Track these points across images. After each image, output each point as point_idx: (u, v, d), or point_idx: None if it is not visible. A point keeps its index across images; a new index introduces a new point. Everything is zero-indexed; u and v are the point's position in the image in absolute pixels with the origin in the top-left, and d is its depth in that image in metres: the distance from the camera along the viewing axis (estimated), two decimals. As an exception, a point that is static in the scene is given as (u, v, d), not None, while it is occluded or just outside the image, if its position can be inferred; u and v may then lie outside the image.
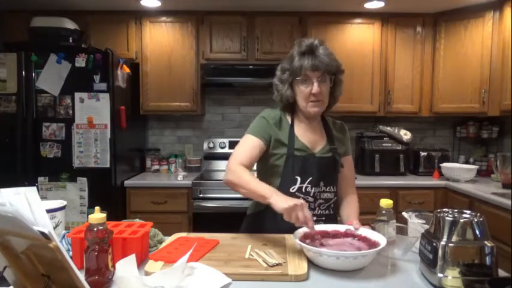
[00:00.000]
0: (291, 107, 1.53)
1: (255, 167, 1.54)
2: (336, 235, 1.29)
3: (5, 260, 0.81)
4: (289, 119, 1.53)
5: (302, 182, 1.45)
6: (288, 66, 1.45)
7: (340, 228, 1.32)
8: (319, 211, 1.49)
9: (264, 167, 1.52)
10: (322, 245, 1.21)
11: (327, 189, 1.49)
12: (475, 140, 3.48)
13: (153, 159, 3.39)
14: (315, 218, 1.46)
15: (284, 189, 1.45)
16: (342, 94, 1.55)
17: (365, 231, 1.26)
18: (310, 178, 1.45)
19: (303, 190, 1.46)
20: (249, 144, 1.45)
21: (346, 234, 1.28)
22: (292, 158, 1.46)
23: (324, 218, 1.48)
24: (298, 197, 1.45)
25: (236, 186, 1.37)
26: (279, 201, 1.22)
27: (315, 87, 1.41)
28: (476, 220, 1.00)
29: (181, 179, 3.01)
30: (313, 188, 1.46)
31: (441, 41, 3.20)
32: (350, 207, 1.57)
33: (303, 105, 1.46)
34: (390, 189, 2.96)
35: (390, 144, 3.26)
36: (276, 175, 1.48)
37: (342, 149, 1.59)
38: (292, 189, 1.45)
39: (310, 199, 1.46)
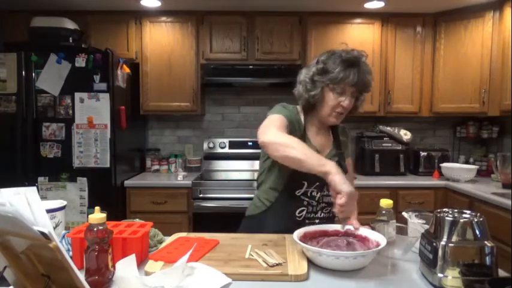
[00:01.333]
0: (309, 108, 1.49)
1: (256, 167, 1.53)
2: (335, 235, 1.29)
3: (5, 260, 0.81)
4: (302, 119, 1.48)
5: (308, 187, 1.44)
6: (330, 69, 1.36)
7: (340, 228, 1.32)
8: (322, 214, 1.49)
9: (272, 169, 1.49)
10: (322, 244, 1.21)
11: (330, 193, 1.48)
12: (475, 140, 3.48)
13: (153, 159, 3.39)
14: (317, 221, 1.46)
15: (290, 191, 1.45)
16: None
17: (365, 231, 1.26)
18: (317, 183, 1.44)
19: (308, 194, 1.45)
20: (277, 120, 1.37)
21: (346, 234, 1.28)
22: None
23: (325, 221, 1.47)
24: (303, 200, 1.45)
25: (282, 146, 1.24)
26: (342, 178, 1.14)
27: (347, 102, 1.39)
28: (476, 220, 1.00)
29: (181, 179, 3.01)
30: (318, 193, 1.46)
31: (441, 41, 3.20)
32: None
33: (326, 113, 1.42)
34: (390, 189, 2.96)
35: (390, 144, 3.26)
36: (283, 176, 1.45)
37: (346, 152, 1.59)
38: (298, 193, 1.44)
39: (314, 203, 1.46)
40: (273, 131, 1.29)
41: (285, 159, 1.26)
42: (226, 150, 3.45)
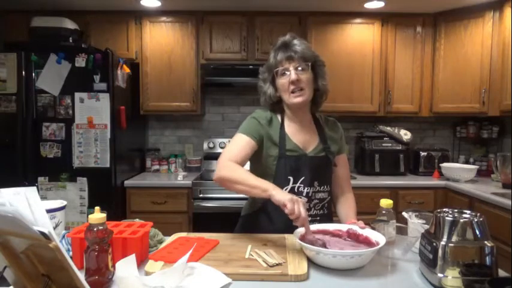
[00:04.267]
0: (279, 107, 1.53)
1: (248, 166, 1.53)
2: (338, 235, 1.29)
3: (5, 260, 0.81)
4: (279, 119, 1.52)
5: (294, 182, 1.44)
6: (268, 63, 1.51)
7: (343, 227, 1.32)
8: (314, 211, 1.48)
9: (258, 169, 1.50)
10: (323, 244, 1.21)
11: (321, 189, 1.48)
12: (475, 140, 3.48)
13: (153, 159, 3.39)
14: (310, 219, 1.44)
15: None
16: (330, 90, 1.54)
17: (367, 232, 1.26)
18: (303, 178, 1.44)
19: (296, 190, 1.45)
20: (240, 143, 1.44)
21: (349, 234, 1.28)
22: (284, 158, 1.45)
23: (318, 218, 1.47)
24: None
25: (230, 183, 1.34)
26: (281, 193, 1.22)
27: (292, 75, 1.42)
28: (476, 220, 1.00)
29: (181, 179, 3.01)
30: (306, 188, 1.45)
31: (441, 41, 3.20)
32: (347, 205, 1.56)
33: (286, 98, 1.47)
34: (390, 189, 2.96)
35: (390, 144, 3.26)
36: (268, 176, 1.45)
37: (335, 147, 1.56)
38: (285, 190, 1.43)
39: (304, 199, 1.44)
40: (221, 168, 1.37)
41: (237, 192, 1.36)
42: (226, 150, 3.45)
